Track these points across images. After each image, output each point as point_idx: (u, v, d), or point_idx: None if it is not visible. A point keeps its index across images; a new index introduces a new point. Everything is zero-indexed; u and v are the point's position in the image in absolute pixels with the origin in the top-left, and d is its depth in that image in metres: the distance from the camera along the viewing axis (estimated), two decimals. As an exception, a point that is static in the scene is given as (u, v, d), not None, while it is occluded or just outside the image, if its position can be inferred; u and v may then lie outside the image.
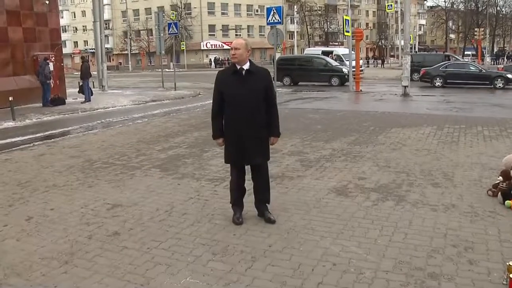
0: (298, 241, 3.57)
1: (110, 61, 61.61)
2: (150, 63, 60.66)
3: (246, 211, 4.23)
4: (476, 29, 47.73)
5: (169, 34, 22.26)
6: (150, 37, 58.43)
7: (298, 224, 3.91)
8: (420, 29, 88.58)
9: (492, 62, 48.54)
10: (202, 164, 6.23)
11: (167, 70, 44.53)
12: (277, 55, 21.44)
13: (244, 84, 3.66)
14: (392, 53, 77.12)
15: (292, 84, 22.55)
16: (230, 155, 3.88)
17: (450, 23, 67.62)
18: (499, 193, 4.32)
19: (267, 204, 4.10)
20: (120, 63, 67.59)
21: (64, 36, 40.84)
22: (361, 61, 24.18)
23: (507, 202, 4.17)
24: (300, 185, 5.08)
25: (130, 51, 60.37)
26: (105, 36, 27.52)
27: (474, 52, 56.44)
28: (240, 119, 3.70)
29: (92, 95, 15.96)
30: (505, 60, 47.54)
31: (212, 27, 59.36)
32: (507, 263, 2.78)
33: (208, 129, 9.31)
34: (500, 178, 4.59)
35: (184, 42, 52.09)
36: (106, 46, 25.31)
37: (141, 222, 4.05)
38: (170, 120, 10.96)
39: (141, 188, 5.12)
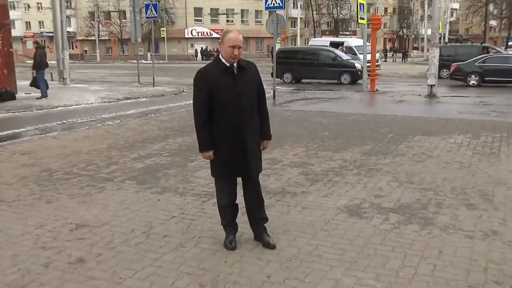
0: (303, 271, 3.57)
1: (72, 49, 61.70)
2: (123, 53, 60.80)
3: (240, 233, 4.24)
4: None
5: (146, 18, 22.36)
6: (123, 20, 58.63)
7: (302, 250, 3.92)
8: (452, 15, 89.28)
9: None
10: (187, 176, 6.24)
11: (143, 61, 44.58)
12: (277, 46, 21.55)
13: (238, 83, 3.73)
14: (415, 45, 77.81)
15: (294, 81, 22.70)
16: (223, 167, 3.89)
17: (491, 7, 67.08)
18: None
19: (265, 225, 4.12)
20: (86, 51, 67.63)
21: (12, 14, 40.45)
22: (377, 55, 24.40)
23: None
24: (304, 203, 5.10)
25: (98, 37, 60.40)
26: (67, 17, 27.46)
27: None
28: (239, 124, 3.74)
29: (47, 89, 15.87)
30: None
31: (198, 11, 59.65)
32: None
33: (195, 133, 9.36)
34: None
35: (164, 29, 52.32)
36: (67, 30, 25.25)
37: (112, 246, 4.05)
38: (148, 122, 10.97)
39: (113, 204, 5.12)
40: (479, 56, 21.38)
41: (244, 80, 3.76)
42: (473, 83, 20.12)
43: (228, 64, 3.72)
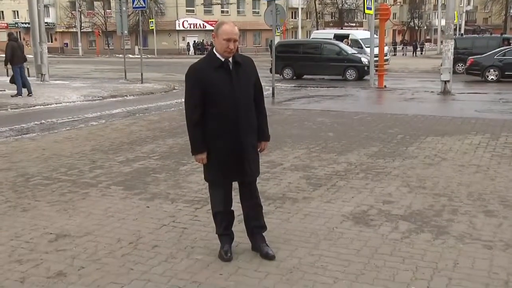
0: (305, 284, 3.58)
1: (51, 41, 61.63)
2: (108, 46, 60.72)
3: (236, 243, 4.25)
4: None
5: (133, 8, 22.32)
6: (108, 11, 58.56)
7: (304, 261, 3.93)
8: (468, 4, 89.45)
9: None
10: (178, 180, 6.25)
11: (131, 56, 44.67)
12: (276, 39, 21.58)
13: (234, 79, 3.74)
14: (428, 37, 78.05)
15: (295, 77, 22.74)
16: (218, 171, 3.90)
17: (513, -6, 67.43)
18: None
19: (263, 234, 4.12)
20: (66, 44, 67.56)
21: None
22: (386, 48, 24.43)
23: None
24: (306, 210, 5.11)
25: (80, 29, 60.37)
26: (45, 6, 27.47)
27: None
28: (235, 124, 3.76)
29: (30, 86, 15.89)
30: None
31: (190, 1, 59.69)
32: None
33: (187, 135, 9.37)
34: None
35: (153, 20, 52.29)
36: (46, 21, 25.25)
37: (96, 258, 4.04)
38: (136, 122, 10.98)
39: (97, 212, 5.12)
40: (499, 49, 21.47)
41: (240, 77, 3.78)
42: (492, 78, 20.18)
43: (223, 59, 3.73)
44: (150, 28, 51.02)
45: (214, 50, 3.77)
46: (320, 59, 22.38)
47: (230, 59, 3.76)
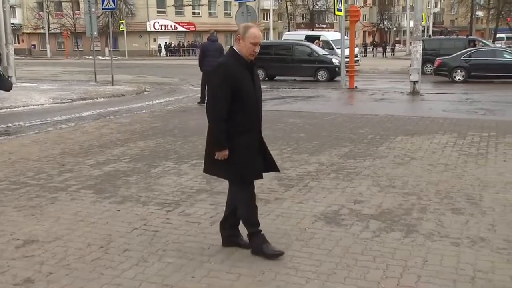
0: (277, 285, 3.59)
1: (18, 43, 60.41)
2: (77, 48, 59.93)
3: (208, 245, 4.25)
4: (514, 3, 48.36)
5: (103, 9, 22.12)
6: (77, 12, 57.73)
7: (276, 262, 3.93)
8: (436, 6, 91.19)
9: None
10: (150, 183, 6.20)
11: (101, 57, 44.19)
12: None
13: (255, 81, 3.97)
14: (397, 38, 79.21)
15: (267, 78, 22.76)
16: (247, 170, 3.95)
17: (478, -4, 68.91)
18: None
19: None
20: (34, 45, 66.32)
21: None
22: (356, 49, 24.71)
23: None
24: (278, 211, 5.12)
25: (48, 30, 59.34)
26: (11, 7, 26.96)
27: (510, 35, 57.97)
28: (258, 122, 4.01)
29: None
30: None
31: (161, 2, 59.31)
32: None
33: (158, 137, 9.39)
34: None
35: (124, 21, 51.82)
36: (12, 22, 24.80)
37: (65, 263, 3.98)
38: (107, 125, 10.85)
39: (66, 216, 5.04)
40: (465, 50, 21.92)
41: (256, 79, 3.98)
42: (459, 79, 20.59)
43: (248, 61, 3.88)
44: (121, 29, 50.54)
45: (237, 51, 3.86)
46: (291, 61, 22.49)
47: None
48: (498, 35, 60.21)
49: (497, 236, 4.43)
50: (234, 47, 3.90)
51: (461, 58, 20.82)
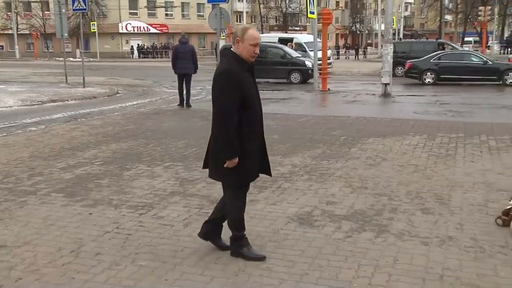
0: (251, 286, 3.61)
1: (-15, 44, 59.13)
2: (48, 49, 58.83)
3: (181, 248, 4.24)
4: (480, 8, 49.20)
5: (73, 10, 21.79)
6: (47, 12, 56.72)
7: (249, 264, 3.95)
8: (406, 9, 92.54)
9: (501, 51, 50.52)
10: (122, 186, 6.15)
11: (72, 59, 43.47)
12: (221, 43, 21.61)
13: (254, 82, 3.95)
14: (369, 41, 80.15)
15: (240, 80, 22.77)
16: (252, 171, 4.00)
17: (446, 1, 70.22)
18: (512, 222, 4.55)
19: None
20: (2, 46, 64.97)
21: None
22: (329, 52, 24.92)
23: (523, 233, 4.39)
24: (251, 213, 5.13)
25: (17, 31, 58.11)
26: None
27: (477, 39, 59.28)
28: (261, 125, 4.00)
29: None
30: None
31: (134, 4, 58.80)
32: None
33: (131, 140, 9.31)
34: (513, 202, 4.88)
35: (95, 23, 51.14)
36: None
37: (35, 268, 3.92)
38: (78, 127, 10.71)
39: (36, 220, 4.96)
40: (434, 53, 22.31)
41: (254, 80, 3.96)
42: (428, 81, 20.93)
43: (249, 63, 3.85)
44: (92, 30, 49.86)
45: (237, 53, 3.81)
46: (265, 63, 22.46)
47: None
48: (466, 39, 61.56)
49: (465, 235, 4.53)
50: (233, 50, 3.83)
51: (431, 61, 21.18)
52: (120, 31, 58.19)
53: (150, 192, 5.90)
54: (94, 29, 49.71)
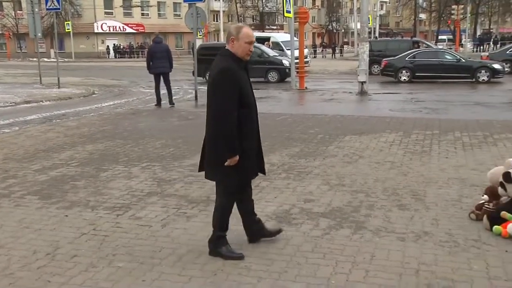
0: (229, 285, 3.61)
1: (-45, 44, 57.89)
2: (21, 49, 57.90)
3: (159, 248, 4.22)
4: (453, 6, 50.15)
5: (47, 9, 21.45)
6: (19, 12, 55.73)
7: (228, 263, 3.96)
8: (382, 8, 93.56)
9: (474, 49, 51.49)
10: (99, 187, 6.09)
11: (46, 59, 42.85)
12: (198, 42, 21.53)
13: (249, 81, 3.99)
14: (345, 40, 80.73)
15: (218, 79, 22.72)
16: (252, 170, 4.06)
17: (420, 0, 71.43)
18: (485, 216, 4.63)
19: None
20: (-27, 47, 63.74)
21: None
22: (306, 50, 25.05)
23: (495, 227, 4.46)
24: (231, 212, 5.14)
25: (-12, 31, 57.08)
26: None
27: (450, 37, 60.21)
28: (257, 124, 4.05)
29: None
30: (491, 45, 50.47)
31: (109, 3, 58.20)
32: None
33: (108, 140, 9.22)
34: (486, 197, 4.95)
35: (70, 22, 50.48)
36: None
37: (9, 272, 3.86)
38: (53, 128, 10.57)
39: (10, 224, 4.89)
40: (409, 51, 22.58)
41: (249, 79, 4.00)
42: (404, 79, 21.18)
43: (244, 61, 3.90)
44: (67, 30, 49.21)
45: (233, 52, 3.85)
46: (242, 62, 22.50)
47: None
48: (440, 37, 62.47)
49: (440, 230, 4.60)
50: (228, 49, 3.87)
51: (406, 59, 21.44)
52: (96, 31, 57.58)
53: (127, 193, 5.86)
54: (69, 29, 49.07)
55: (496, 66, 20.49)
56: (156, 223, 4.86)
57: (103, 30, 58.15)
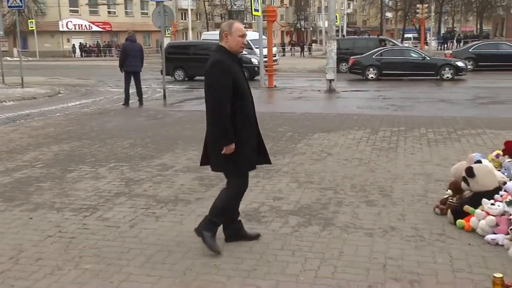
0: (198, 285, 3.60)
1: None
2: (-17, 49, 56.46)
3: (127, 249, 4.18)
4: (418, 5, 51.07)
5: (9, 7, 20.92)
6: (-21, 10, 54.38)
7: (197, 262, 3.94)
8: (349, 7, 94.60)
9: (439, 47, 52.73)
10: (65, 189, 5.98)
11: (9, 58, 41.97)
12: (167, 41, 21.36)
13: (244, 74, 4.17)
14: (314, 38, 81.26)
15: (186, 79, 22.64)
16: (253, 157, 4.19)
17: (386, -1, 72.42)
18: (449, 210, 4.73)
19: None
20: None
21: None
22: (274, 49, 25.11)
23: (459, 221, 4.55)
24: (199, 211, 5.11)
25: None
26: None
27: (416, 35, 61.31)
28: (253, 113, 4.17)
29: None
30: (455, 43, 51.92)
31: (74, 1, 57.17)
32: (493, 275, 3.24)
33: (74, 141, 9.06)
34: (449, 191, 5.08)
35: (33, 20, 49.43)
36: None
37: (-28, 276, 3.76)
38: (17, 129, 10.33)
39: (-27, 227, 4.76)
40: (376, 49, 22.89)
41: (244, 72, 4.19)
42: (371, 77, 21.45)
43: (237, 55, 4.11)
44: (30, 29, 48.20)
45: (226, 47, 4.03)
46: (211, 61, 22.42)
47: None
48: (405, 35, 63.55)
49: (406, 224, 4.68)
50: (221, 45, 4.04)
51: (373, 57, 21.72)
52: (61, 29, 56.50)
53: (94, 193, 5.77)
54: (32, 27, 48.08)
55: (460, 64, 20.92)
56: (124, 223, 4.80)
57: (68, 28, 57.11)
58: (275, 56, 24.12)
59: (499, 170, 5.15)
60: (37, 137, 9.29)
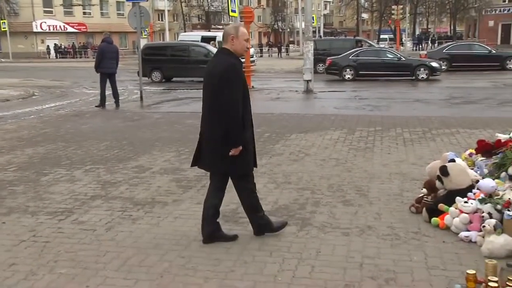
0: (175, 287, 3.58)
1: None
2: (-47, 50, 55.28)
3: (104, 252, 4.14)
4: (393, 6, 51.74)
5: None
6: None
7: (174, 264, 3.93)
8: (325, 8, 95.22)
9: (414, 48, 53.61)
10: (39, 192, 5.90)
11: (-19, 60, 41.13)
12: (143, 42, 21.22)
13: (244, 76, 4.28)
14: (291, 39, 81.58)
15: (163, 80, 22.51)
16: (252, 159, 4.35)
17: (362, 0, 73.20)
18: (424, 209, 4.79)
19: None
20: None
21: None
22: (252, 50, 25.15)
23: (433, 219, 4.62)
24: (176, 213, 5.10)
25: None
26: None
27: (391, 36, 62.02)
28: (251, 115, 4.30)
29: None
30: (429, 44, 52.76)
31: (48, 2, 56.37)
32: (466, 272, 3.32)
33: (49, 143, 8.93)
34: (424, 190, 5.15)
35: (6, 21, 48.61)
36: None
37: None
38: (-12, 132, 10.14)
39: None
40: (352, 50, 23.09)
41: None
42: (348, 77, 21.65)
43: (240, 59, 4.25)
44: (3, 29, 47.42)
45: (232, 51, 4.12)
46: (188, 61, 22.36)
47: None
48: (381, 36, 64.25)
49: (382, 223, 4.73)
50: (227, 48, 4.13)
51: (350, 57, 21.92)
52: (35, 30, 55.66)
53: (70, 197, 5.70)
54: (5, 28, 47.29)
55: (434, 64, 21.24)
56: (100, 226, 4.76)
57: (42, 29, 56.28)
58: (252, 57, 24.16)
59: (472, 169, 5.25)
60: (11, 140, 9.13)
